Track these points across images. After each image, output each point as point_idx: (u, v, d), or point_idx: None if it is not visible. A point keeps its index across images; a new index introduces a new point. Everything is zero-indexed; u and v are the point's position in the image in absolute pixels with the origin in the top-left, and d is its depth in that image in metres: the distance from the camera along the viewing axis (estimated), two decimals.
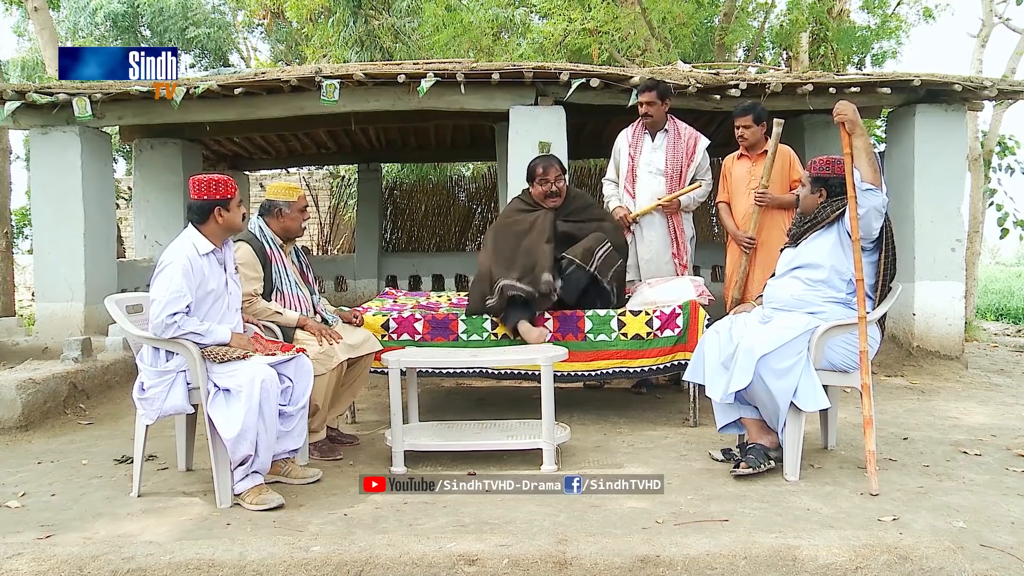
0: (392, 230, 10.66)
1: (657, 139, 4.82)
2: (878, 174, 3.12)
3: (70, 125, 5.69)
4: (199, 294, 3.01)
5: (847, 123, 3.13)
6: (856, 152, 3.12)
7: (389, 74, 5.37)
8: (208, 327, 2.97)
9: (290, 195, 3.61)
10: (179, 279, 2.92)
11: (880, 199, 3.13)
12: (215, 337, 2.97)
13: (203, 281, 3.03)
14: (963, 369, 5.56)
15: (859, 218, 3.11)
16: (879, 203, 3.13)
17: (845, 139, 3.15)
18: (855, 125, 3.12)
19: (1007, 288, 16.08)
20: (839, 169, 3.28)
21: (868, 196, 3.11)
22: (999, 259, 33.09)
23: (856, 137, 3.12)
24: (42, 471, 3.44)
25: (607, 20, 8.95)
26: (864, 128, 3.15)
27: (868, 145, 3.13)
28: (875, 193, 3.11)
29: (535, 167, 4.32)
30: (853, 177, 3.12)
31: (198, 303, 3.02)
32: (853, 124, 3.12)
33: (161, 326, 2.89)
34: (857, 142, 3.12)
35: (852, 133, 3.13)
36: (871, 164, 3.11)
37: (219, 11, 17.41)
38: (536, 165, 4.33)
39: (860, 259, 3.14)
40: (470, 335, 4.11)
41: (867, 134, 3.16)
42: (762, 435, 3.24)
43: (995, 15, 9.90)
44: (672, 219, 4.81)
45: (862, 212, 3.11)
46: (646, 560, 2.18)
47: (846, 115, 3.13)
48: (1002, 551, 2.41)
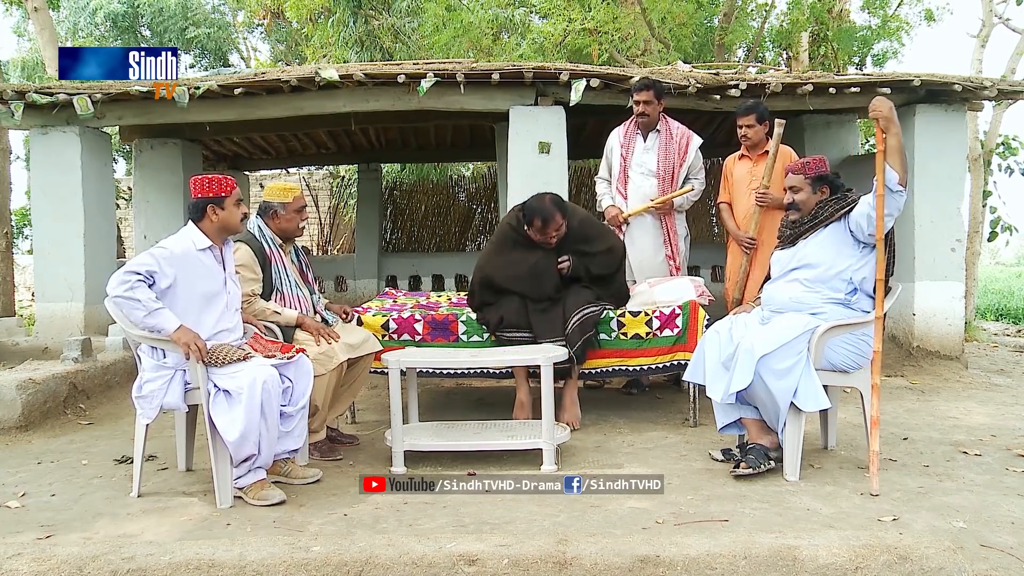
0: (392, 230, 10.66)
1: (649, 139, 4.82)
2: (907, 175, 3.09)
3: (70, 125, 5.69)
4: (194, 288, 3.01)
5: (882, 120, 3.06)
6: (890, 151, 3.07)
7: (389, 74, 5.37)
8: (158, 307, 2.86)
9: (285, 196, 3.59)
10: (155, 255, 2.93)
11: (903, 200, 3.13)
12: (160, 319, 2.86)
13: (197, 274, 3.03)
14: (963, 369, 5.56)
15: (884, 217, 3.08)
16: (902, 204, 3.14)
17: (879, 136, 3.09)
18: (890, 123, 3.05)
19: (1007, 288, 16.07)
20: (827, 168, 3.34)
21: (896, 197, 3.09)
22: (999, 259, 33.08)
23: (891, 136, 3.06)
24: (42, 471, 3.44)
25: (607, 20, 8.95)
26: (899, 127, 3.09)
27: (901, 145, 3.08)
28: (902, 194, 3.10)
29: (533, 218, 3.94)
30: (884, 175, 3.07)
31: (194, 298, 3.02)
32: (888, 122, 3.05)
33: (116, 279, 2.86)
34: (891, 140, 3.06)
35: (887, 131, 3.06)
36: (903, 164, 3.07)
37: (219, 11, 17.43)
38: (535, 217, 3.93)
39: (882, 259, 3.12)
40: (470, 335, 4.11)
41: (900, 133, 3.10)
42: (762, 435, 3.24)
43: (995, 15, 9.90)
44: (665, 219, 4.81)
45: (888, 211, 3.09)
46: (646, 560, 2.18)
47: (881, 112, 3.05)
48: (1002, 551, 2.40)
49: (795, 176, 3.39)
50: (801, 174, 3.37)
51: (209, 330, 3.04)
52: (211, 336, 3.03)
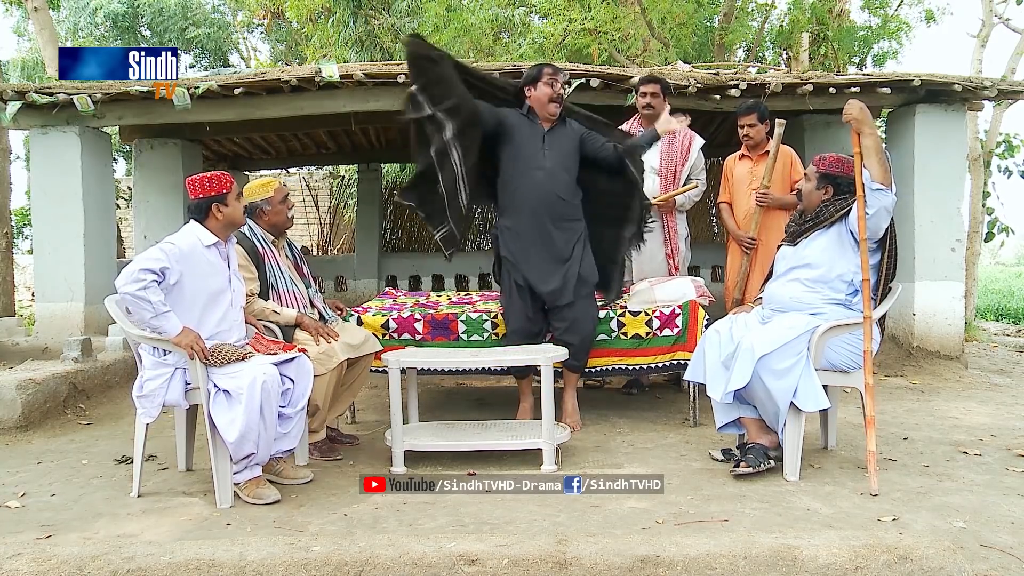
0: (392, 230, 10.65)
1: None
2: (888, 174, 3.09)
3: (70, 125, 5.68)
4: (199, 285, 3.01)
5: (854, 122, 3.10)
6: (865, 151, 3.09)
7: (389, 74, 5.37)
8: (166, 310, 2.86)
9: (265, 191, 3.58)
10: (165, 251, 2.92)
11: (890, 199, 3.11)
12: (164, 322, 2.86)
13: (203, 271, 3.03)
14: (963, 369, 5.56)
15: (867, 218, 3.09)
16: (889, 203, 3.11)
17: (855, 138, 3.12)
18: (862, 124, 3.09)
19: (1007, 288, 16.07)
20: (848, 169, 3.27)
21: (878, 196, 3.08)
22: (999, 259, 33.07)
23: (865, 136, 3.09)
24: (42, 471, 3.44)
25: (607, 20, 8.95)
26: (874, 127, 3.12)
27: (878, 144, 3.09)
28: (885, 193, 3.09)
29: (544, 66, 3.97)
30: (862, 176, 3.10)
31: (199, 295, 3.02)
32: (860, 123, 3.09)
33: (129, 275, 2.82)
34: (866, 141, 3.09)
35: (861, 132, 3.10)
36: (881, 164, 3.08)
37: (219, 11, 17.42)
38: (545, 65, 3.99)
39: (867, 259, 3.13)
40: (470, 335, 4.11)
41: (877, 133, 3.12)
42: (761, 435, 3.24)
43: (995, 15, 9.90)
44: (666, 219, 4.81)
45: (871, 212, 3.09)
46: (646, 560, 2.18)
47: (852, 114, 3.10)
48: (1002, 551, 2.41)
49: (811, 165, 3.43)
50: (815, 165, 3.39)
51: (212, 328, 3.04)
52: (214, 334, 3.03)
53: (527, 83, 4.00)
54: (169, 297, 2.93)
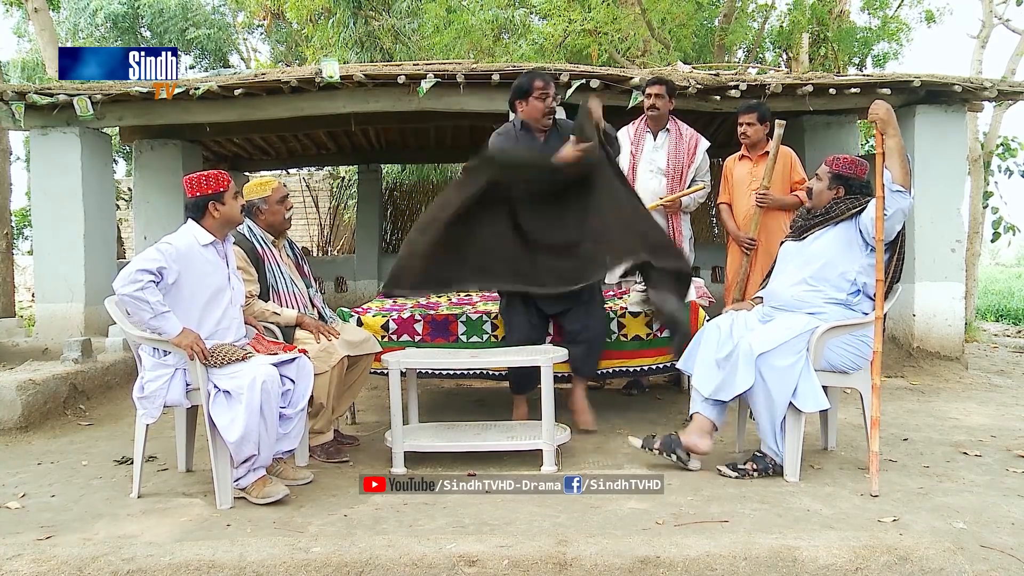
0: (392, 231, 10.66)
1: (659, 138, 4.82)
2: (908, 177, 3.09)
3: (70, 126, 5.69)
4: (198, 285, 3.01)
5: (880, 123, 3.10)
6: (888, 152, 3.09)
7: (389, 75, 5.37)
8: (164, 311, 2.86)
9: (263, 190, 3.58)
10: (162, 251, 2.92)
11: (907, 202, 3.12)
12: (164, 323, 2.86)
13: (201, 271, 3.03)
14: (963, 370, 5.56)
15: (885, 219, 3.09)
16: (906, 206, 3.12)
17: (878, 139, 3.13)
18: (887, 125, 3.09)
19: (1007, 289, 16.08)
20: (861, 171, 3.30)
21: (897, 198, 3.09)
22: (999, 260, 33.08)
23: (889, 137, 3.09)
24: (42, 472, 3.44)
25: (607, 21, 8.96)
26: (897, 128, 3.12)
27: (901, 146, 3.09)
28: (904, 195, 3.09)
29: (534, 79, 3.82)
30: (883, 177, 3.10)
31: (198, 295, 3.01)
32: (885, 124, 3.09)
33: (127, 277, 2.82)
34: (890, 142, 3.09)
35: (884, 133, 3.10)
36: (903, 166, 3.08)
37: (219, 12, 17.45)
38: (535, 78, 3.84)
39: (881, 260, 3.13)
40: (470, 336, 4.11)
41: (900, 135, 3.12)
42: (702, 437, 3.23)
43: (995, 16, 9.90)
44: (671, 219, 4.81)
45: (888, 213, 3.09)
46: (646, 561, 2.18)
47: (879, 115, 3.10)
48: (1002, 552, 2.41)
49: (824, 165, 3.43)
50: (829, 165, 3.39)
51: (212, 327, 3.04)
52: (213, 332, 3.03)
53: (518, 96, 3.91)
54: (168, 297, 2.92)
